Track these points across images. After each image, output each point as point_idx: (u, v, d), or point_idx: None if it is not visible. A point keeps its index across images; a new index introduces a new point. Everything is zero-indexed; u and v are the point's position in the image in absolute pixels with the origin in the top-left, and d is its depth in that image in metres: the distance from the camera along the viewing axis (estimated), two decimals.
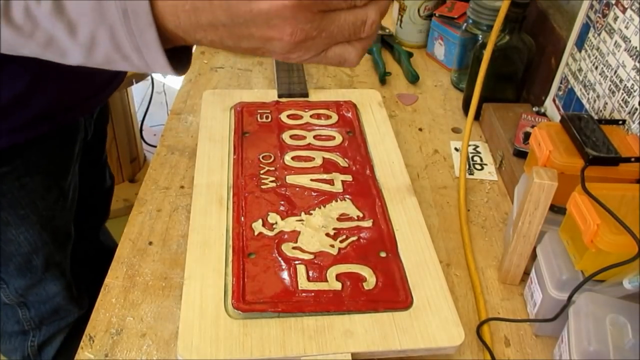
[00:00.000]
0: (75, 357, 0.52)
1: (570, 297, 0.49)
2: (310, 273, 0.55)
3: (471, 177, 0.76)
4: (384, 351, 0.50)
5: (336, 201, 0.63)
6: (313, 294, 0.53)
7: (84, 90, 0.75)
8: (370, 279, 0.55)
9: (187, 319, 0.50)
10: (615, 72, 0.63)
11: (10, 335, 0.92)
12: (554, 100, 0.79)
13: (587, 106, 0.69)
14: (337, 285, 0.54)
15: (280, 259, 0.56)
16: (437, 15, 0.99)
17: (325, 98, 0.81)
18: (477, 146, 0.82)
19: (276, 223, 0.60)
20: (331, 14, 0.39)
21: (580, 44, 0.72)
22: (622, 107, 0.62)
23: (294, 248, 0.57)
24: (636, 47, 0.60)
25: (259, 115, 0.76)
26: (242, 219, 0.60)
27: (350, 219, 0.61)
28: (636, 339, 0.45)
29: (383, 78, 0.95)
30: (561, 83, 0.77)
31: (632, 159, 0.53)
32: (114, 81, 0.83)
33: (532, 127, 0.74)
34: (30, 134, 0.70)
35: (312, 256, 0.57)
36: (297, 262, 0.56)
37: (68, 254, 0.88)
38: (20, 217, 0.76)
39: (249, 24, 0.38)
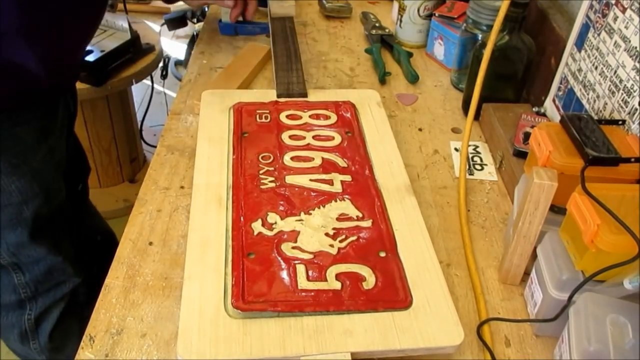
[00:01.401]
0: (75, 357, 0.52)
1: (570, 297, 0.49)
2: (310, 273, 0.55)
3: (471, 177, 0.76)
4: (384, 351, 0.50)
5: (335, 201, 0.63)
6: (312, 293, 0.53)
7: (72, 51, 0.83)
8: (369, 279, 0.55)
9: (186, 319, 0.50)
10: (615, 72, 0.63)
11: (8, 309, 0.95)
12: (553, 101, 0.79)
13: (587, 106, 0.69)
14: (337, 285, 0.54)
15: (279, 258, 0.56)
16: (436, 15, 0.99)
17: (324, 98, 0.81)
18: (477, 146, 0.82)
19: (275, 223, 0.60)
20: None
21: (580, 44, 0.72)
22: (622, 107, 0.62)
23: (293, 248, 0.57)
24: (636, 47, 0.60)
25: (258, 116, 0.76)
26: (242, 219, 0.60)
27: (350, 218, 0.61)
28: (636, 339, 0.45)
29: (383, 78, 0.95)
30: (561, 83, 0.77)
31: (632, 159, 0.53)
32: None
33: (532, 127, 0.73)
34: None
35: (311, 256, 0.57)
36: (296, 261, 0.56)
37: (57, 212, 0.92)
38: (12, 166, 0.81)
39: None
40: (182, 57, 2.30)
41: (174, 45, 2.64)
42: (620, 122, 0.61)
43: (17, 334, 0.97)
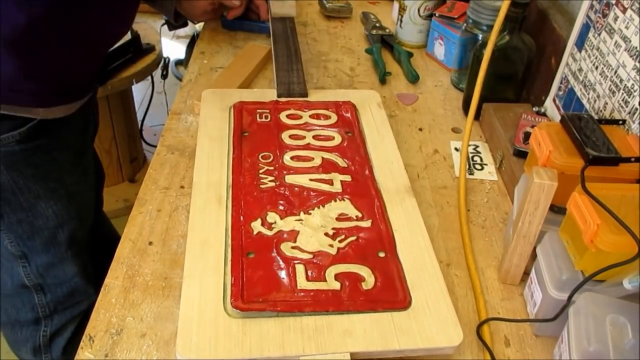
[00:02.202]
0: (75, 357, 0.52)
1: (570, 297, 0.49)
2: (309, 273, 0.55)
3: (471, 177, 0.76)
4: (383, 351, 0.50)
5: (335, 201, 0.63)
6: (312, 293, 0.53)
7: (94, 67, 0.80)
8: (369, 279, 0.55)
9: (186, 318, 0.50)
10: (616, 72, 0.63)
11: (23, 325, 0.93)
12: (554, 100, 0.78)
13: (587, 106, 0.69)
14: (336, 285, 0.54)
15: (279, 258, 0.56)
16: (437, 15, 0.99)
17: (324, 98, 0.81)
18: (477, 146, 0.82)
19: (275, 222, 0.60)
20: None
21: (580, 44, 0.72)
22: (622, 107, 0.62)
23: (292, 247, 0.57)
24: (636, 47, 0.60)
25: (258, 115, 0.76)
26: (241, 218, 0.60)
27: (349, 219, 0.61)
28: (636, 339, 0.45)
29: (383, 78, 0.95)
30: (561, 83, 0.77)
31: (632, 159, 0.53)
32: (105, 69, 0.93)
33: (532, 127, 0.73)
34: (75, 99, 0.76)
35: (311, 256, 0.57)
36: (296, 261, 0.56)
37: (88, 233, 0.91)
38: (50, 190, 0.80)
39: None
40: (182, 57, 2.30)
41: (174, 45, 2.64)
42: (620, 122, 0.60)
43: (30, 347, 0.96)
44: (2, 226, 0.80)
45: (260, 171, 0.67)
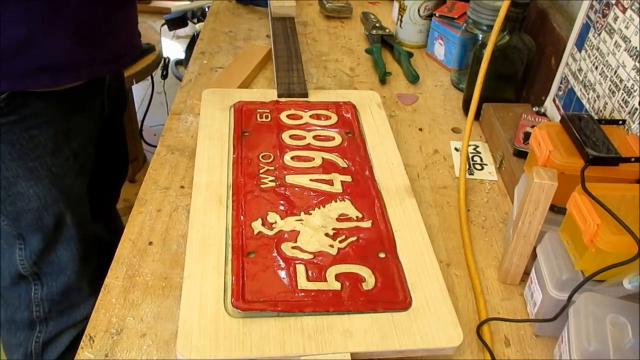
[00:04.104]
0: (75, 357, 0.52)
1: (570, 297, 0.49)
2: (310, 273, 0.55)
3: (471, 177, 0.76)
4: (383, 351, 0.50)
5: (335, 201, 0.63)
6: (312, 293, 0.53)
7: (90, 50, 0.76)
8: (369, 280, 0.55)
9: (186, 318, 0.50)
10: (616, 72, 0.63)
11: (18, 326, 0.92)
12: (554, 100, 0.79)
13: (587, 106, 0.69)
14: (337, 285, 0.54)
15: (279, 258, 0.56)
16: (437, 15, 0.99)
17: (324, 98, 0.81)
18: (477, 146, 0.82)
19: (275, 222, 0.60)
20: None
21: (580, 44, 0.72)
22: (622, 107, 0.62)
23: (293, 248, 0.57)
24: (636, 47, 0.60)
25: (258, 115, 0.76)
26: (242, 218, 0.60)
27: (350, 219, 0.61)
28: (636, 339, 0.45)
29: (383, 78, 0.95)
30: (561, 83, 0.77)
31: (632, 159, 0.53)
32: (125, 53, 0.85)
33: (532, 127, 0.73)
34: (31, 84, 0.72)
35: (311, 256, 0.57)
36: (296, 261, 0.56)
37: (81, 221, 0.89)
38: (29, 170, 0.78)
39: None
40: (182, 57, 2.30)
41: (174, 45, 2.64)
42: (620, 122, 0.60)
43: (22, 353, 0.94)
44: None
45: (261, 171, 0.67)
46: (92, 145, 0.88)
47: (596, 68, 0.68)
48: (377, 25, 1.10)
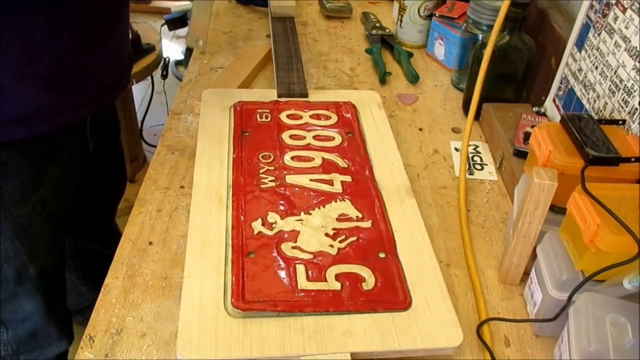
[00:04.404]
0: (75, 357, 0.52)
1: (570, 297, 0.49)
2: (310, 273, 0.55)
3: (471, 177, 0.76)
4: (383, 351, 0.50)
5: (335, 201, 0.63)
6: (312, 293, 0.53)
7: (67, 97, 0.71)
8: (369, 280, 0.55)
9: (186, 318, 0.50)
10: (615, 72, 0.63)
11: None
12: (554, 100, 0.79)
13: (587, 106, 0.69)
14: (337, 285, 0.54)
15: (279, 258, 0.56)
16: (437, 15, 0.99)
17: (324, 98, 0.81)
18: (477, 146, 0.82)
19: (275, 222, 0.60)
20: None
21: (580, 44, 0.72)
22: (622, 107, 0.62)
23: (293, 248, 0.57)
24: (636, 47, 0.60)
25: (258, 115, 0.76)
26: (242, 218, 0.60)
27: (350, 219, 0.61)
28: (636, 339, 0.45)
29: (383, 78, 0.95)
30: (561, 83, 0.77)
31: (632, 159, 0.53)
32: (109, 90, 0.78)
33: (532, 127, 0.73)
34: (4, 135, 0.66)
35: (311, 256, 0.57)
36: (296, 261, 0.56)
37: (48, 270, 0.84)
38: None
39: None
40: (182, 57, 2.30)
41: (174, 45, 2.64)
42: (620, 122, 0.60)
43: None
44: None
45: (261, 171, 0.67)
46: (68, 187, 0.82)
47: (596, 68, 0.68)
48: (377, 25, 1.10)
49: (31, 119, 0.68)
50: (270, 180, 0.65)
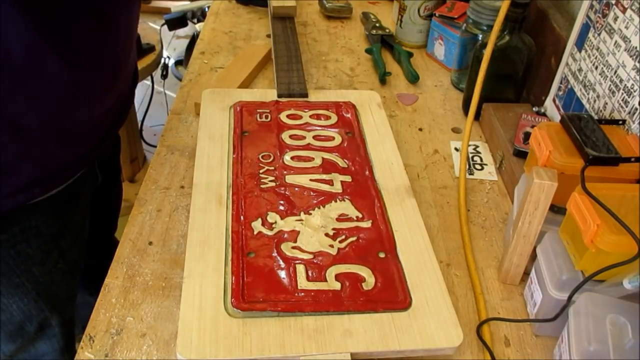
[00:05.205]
0: (75, 357, 0.52)
1: (570, 297, 0.49)
2: (310, 273, 0.55)
3: (471, 177, 0.76)
4: (383, 351, 0.50)
5: (335, 201, 0.63)
6: (312, 293, 0.53)
7: (74, 151, 0.68)
8: (369, 280, 0.55)
9: (186, 318, 0.50)
10: (615, 72, 0.63)
11: None
12: (554, 100, 0.79)
13: (587, 106, 0.69)
14: (337, 285, 0.54)
15: (279, 258, 0.56)
16: (437, 15, 0.99)
17: (324, 98, 0.81)
18: (477, 146, 0.82)
19: (275, 222, 0.60)
20: None
21: (580, 44, 0.72)
22: (622, 107, 0.62)
23: (293, 248, 0.57)
24: (636, 47, 0.60)
25: (258, 115, 0.76)
26: (242, 218, 0.60)
27: (350, 219, 0.61)
28: (636, 339, 0.45)
29: (383, 78, 0.95)
30: (561, 83, 0.77)
31: (632, 159, 0.53)
32: (112, 130, 0.75)
33: (532, 127, 0.73)
34: (23, 199, 0.64)
35: (311, 256, 0.57)
36: (296, 261, 0.56)
37: (67, 318, 0.82)
38: (13, 286, 0.70)
39: None
40: (182, 57, 2.30)
41: (174, 45, 2.64)
42: (620, 122, 0.60)
43: None
44: None
45: (261, 171, 0.67)
46: (83, 228, 0.79)
47: (596, 68, 0.68)
48: (377, 25, 1.10)
49: (47, 178, 0.65)
50: (270, 180, 0.65)
